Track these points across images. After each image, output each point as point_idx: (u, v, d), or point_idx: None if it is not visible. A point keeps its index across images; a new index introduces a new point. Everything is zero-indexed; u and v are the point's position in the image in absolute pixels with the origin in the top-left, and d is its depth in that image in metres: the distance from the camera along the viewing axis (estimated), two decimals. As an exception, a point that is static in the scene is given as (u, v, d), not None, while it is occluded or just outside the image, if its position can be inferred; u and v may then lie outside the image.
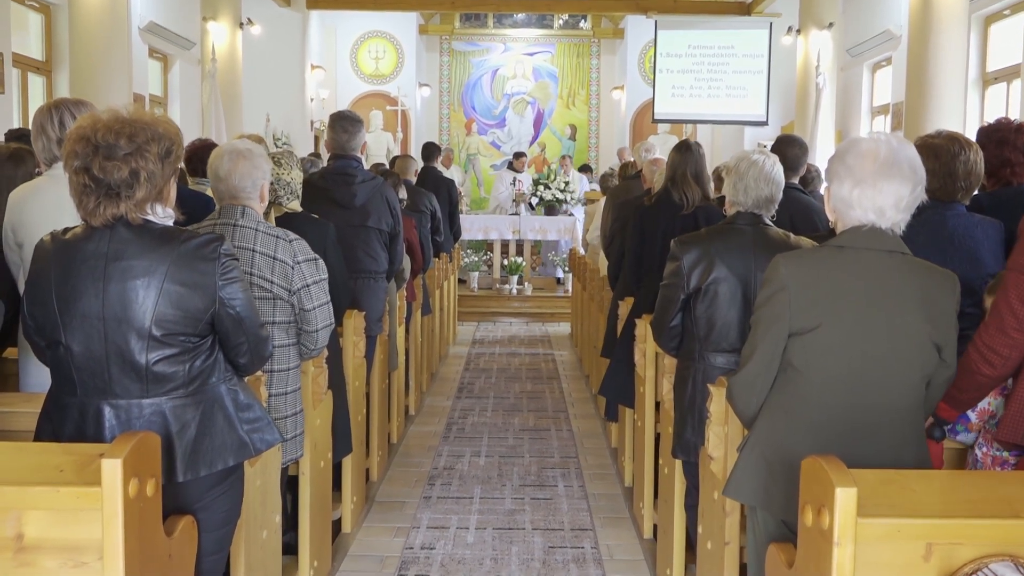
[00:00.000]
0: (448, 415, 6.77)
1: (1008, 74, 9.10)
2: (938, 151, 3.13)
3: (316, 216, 3.96)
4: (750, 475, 2.40)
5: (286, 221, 3.73)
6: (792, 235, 3.31)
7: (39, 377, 2.96)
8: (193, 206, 3.99)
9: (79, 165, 2.19)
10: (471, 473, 5.37)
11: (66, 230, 2.31)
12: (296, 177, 3.87)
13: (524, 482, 5.22)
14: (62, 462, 2.02)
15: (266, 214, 3.72)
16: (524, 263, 12.20)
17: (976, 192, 3.33)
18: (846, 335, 2.24)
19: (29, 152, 3.63)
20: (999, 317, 2.44)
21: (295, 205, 3.85)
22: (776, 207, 3.36)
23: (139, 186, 2.20)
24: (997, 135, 3.41)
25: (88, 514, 1.90)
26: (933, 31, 7.70)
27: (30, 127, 3.26)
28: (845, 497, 1.80)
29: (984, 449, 2.67)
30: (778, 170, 3.32)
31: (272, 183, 3.75)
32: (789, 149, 4.62)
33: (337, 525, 4.36)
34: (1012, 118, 3.59)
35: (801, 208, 4.44)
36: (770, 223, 3.34)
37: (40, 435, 2.36)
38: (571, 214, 12.79)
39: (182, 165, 5.08)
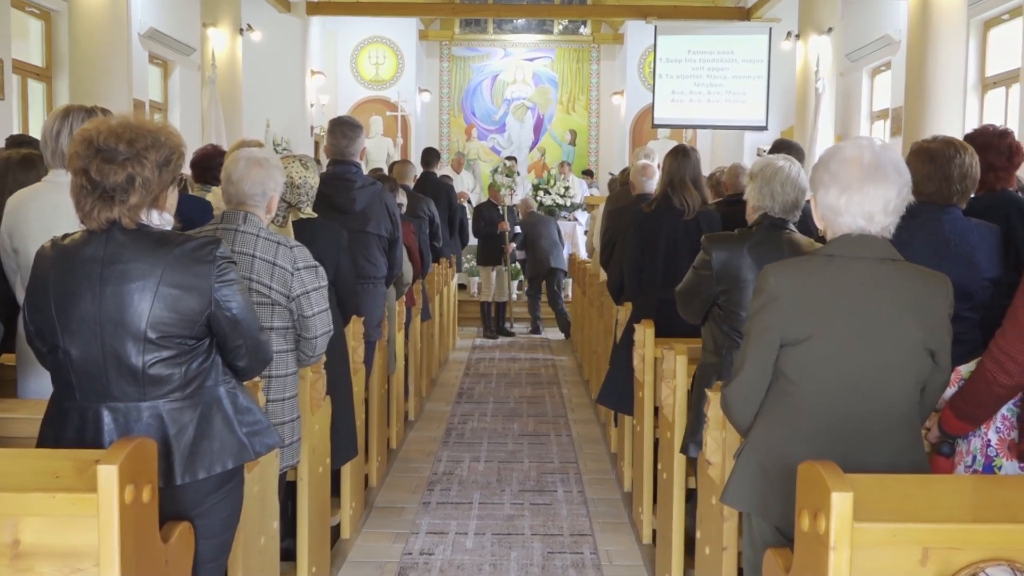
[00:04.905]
0: (448, 420, 6.77)
1: (1007, 79, 9.11)
2: (933, 155, 3.14)
3: (329, 223, 3.98)
4: (747, 483, 2.40)
5: (302, 226, 3.76)
6: (816, 241, 3.31)
7: (38, 383, 2.96)
8: (193, 212, 4.01)
9: (79, 166, 2.23)
10: (470, 478, 5.36)
11: (65, 236, 2.33)
12: (316, 183, 3.90)
13: (523, 487, 5.21)
14: (59, 468, 2.02)
15: (284, 218, 3.74)
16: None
17: None
18: (838, 345, 2.24)
19: (40, 157, 3.64)
20: (1017, 323, 2.36)
21: (309, 210, 3.87)
22: (800, 213, 3.37)
23: (133, 191, 2.21)
24: (982, 140, 3.41)
25: (84, 520, 1.90)
26: (932, 36, 7.71)
27: (30, 133, 3.26)
28: (841, 501, 1.79)
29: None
30: (803, 175, 3.35)
31: (298, 186, 3.77)
32: (787, 154, 4.61)
33: (336, 531, 4.35)
34: (997, 124, 3.59)
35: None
36: (794, 228, 3.36)
37: (42, 440, 2.37)
38: (575, 219, 12.78)
39: (188, 172, 5.11)
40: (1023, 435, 2.45)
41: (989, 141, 3.42)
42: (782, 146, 4.78)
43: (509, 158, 13.59)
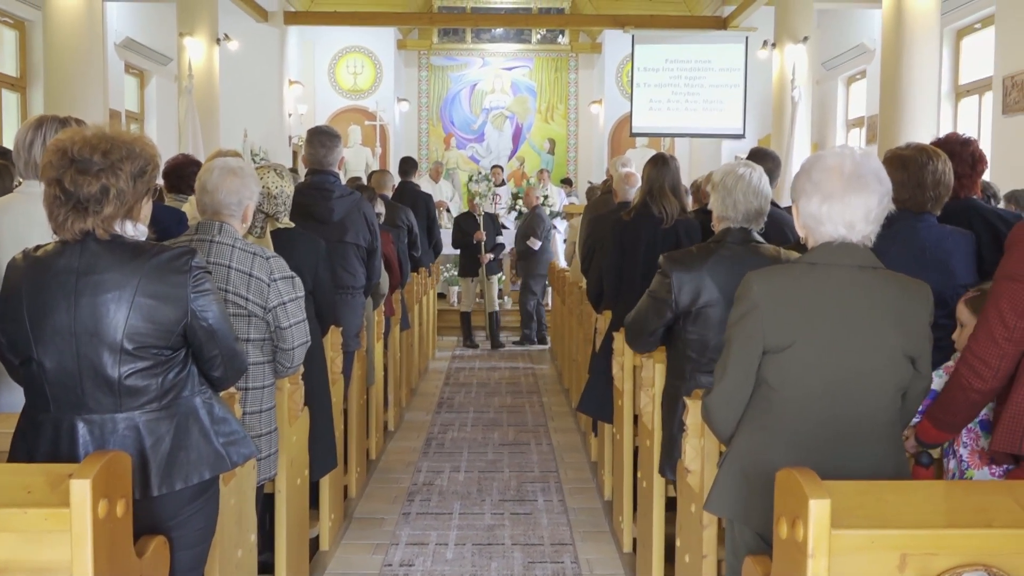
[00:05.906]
0: (428, 430, 6.74)
1: (980, 87, 9.22)
2: (907, 162, 3.16)
3: (307, 233, 3.96)
4: (729, 490, 2.40)
5: (280, 236, 3.74)
6: (782, 250, 3.29)
7: (10, 396, 2.92)
8: (167, 222, 3.98)
9: (53, 177, 2.21)
10: (451, 488, 5.34)
11: (38, 247, 2.31)
12: (292, 191, 3.88)
13: (504, 497, 5.20)
14: (31, 483, 1.99)
15: (262, 229, 3.71)
16: (504, 276, 12.19)
17: None
18: (820, 352, 2.24)
19: (6, 168, 3.60)
20: (988, 327, 2.38)
21: (286, 220, 3.85)
22: (765, 220, 3.33)
23: (108, 202, 2.20)
24: (946, 148, 3.42)
25: (57, 536, 1.87)
26: (906, 45, 7.78)
27: (4, 143, 3.24)
28: (819, 509, 1.80)
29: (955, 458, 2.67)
30: (765, 182, 3.29)
31: (275, 196, 3.75)
32: (762, 163, 4.61)
33: (315, 543, 4.32)
34: (962, 133, 3.62)
35: (772, 222, 4.45)
36: (760, 239, 3.30)
37: (15, 453, 2.34)
38: (554, 227, 12.80)
39: (161, 182, 5.07)
40: (995, 436, 2.48)
41: (953, 149, 3.44)
42: (758, 154, 4.80)
43: (495, 167, 13.59)
